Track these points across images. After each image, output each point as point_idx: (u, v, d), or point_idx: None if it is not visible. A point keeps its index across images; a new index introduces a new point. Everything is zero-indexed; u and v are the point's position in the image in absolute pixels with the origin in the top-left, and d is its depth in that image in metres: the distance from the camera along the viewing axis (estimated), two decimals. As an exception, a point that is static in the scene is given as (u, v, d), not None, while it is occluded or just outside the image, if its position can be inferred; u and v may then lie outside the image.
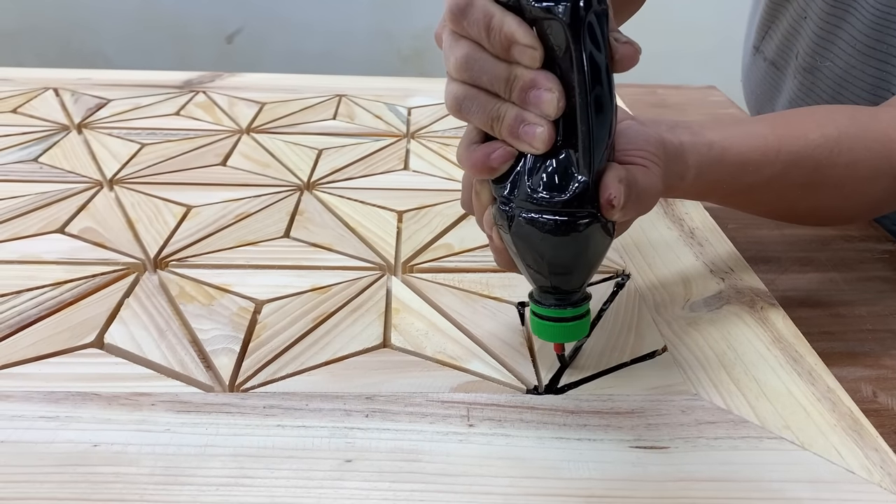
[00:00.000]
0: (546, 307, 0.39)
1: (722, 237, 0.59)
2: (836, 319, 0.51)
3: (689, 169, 0.43)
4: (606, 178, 0.36)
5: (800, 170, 0.47)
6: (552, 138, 0.35)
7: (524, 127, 0.35)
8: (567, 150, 0.35)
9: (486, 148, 0.36)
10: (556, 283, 0.38)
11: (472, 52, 0.35)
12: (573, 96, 0.34)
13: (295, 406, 0.39)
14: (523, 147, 0.35)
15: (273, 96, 0.89)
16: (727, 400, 0.41)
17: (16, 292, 0.48)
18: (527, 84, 0.34)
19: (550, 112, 0.34)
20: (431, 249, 0.56)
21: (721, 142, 0.45)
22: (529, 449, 0.37)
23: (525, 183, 0.36)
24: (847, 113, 0.51)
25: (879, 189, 0.50)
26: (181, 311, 0.47)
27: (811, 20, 0.69)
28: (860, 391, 0.44)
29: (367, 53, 2.16)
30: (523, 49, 0.34)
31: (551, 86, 0.34)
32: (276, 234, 0.57)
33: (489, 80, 0.35)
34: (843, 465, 0.37)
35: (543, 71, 0.34)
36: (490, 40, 0.34)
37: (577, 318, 0.39)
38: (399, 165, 0.71)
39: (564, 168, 0.35)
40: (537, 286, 0.39)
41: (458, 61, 0.35)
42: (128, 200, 0.61)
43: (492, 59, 0.35)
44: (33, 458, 0.35)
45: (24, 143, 0.73)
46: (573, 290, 0.39)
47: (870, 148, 0.48)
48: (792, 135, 0.47)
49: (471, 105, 0.36)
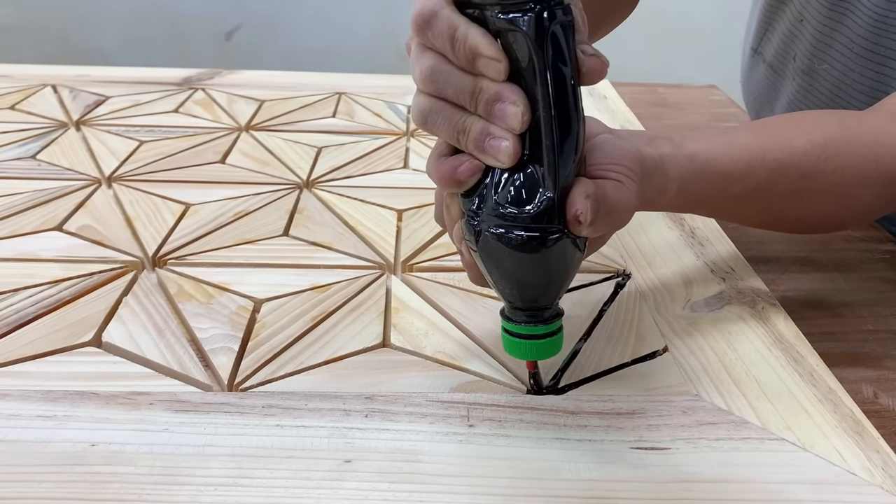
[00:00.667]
0: (517, 324, 0.38)
1: (723, 237, 0.59)
2: (838, 320, 0.51)
3: (671, 182, 0.43)
4: (573, 193, 0.34)
5: (785, 178, 0.46)
6: (518, 152, 0.34)
7: (490, 140, 0.34)
8: (533, 164, 0.34)
9: (453, 161, 0.35)
10: (525, 299, 0.37)
11: (438, 65, 0.34)
12: (538, 109, 0.33)
13: (294, 406, 0.39)
14: (489, 161, 0.34)
15: (272, 94, 0.89)
16: (728, 401, 0.41)
17: (13, 290, 0.48)
18: (492, 97, 0.33)
19: (515, 126, 0.33)
20: (431, 248, 0.56)
21: (703, 153, 0.44)
22: (530, 449, 0.37)
23: (492, 197, 0.35)
24: (834, 118, 0.51)
25: (869, 194, 0.49)
26: (180, 309, 0.47)
27: (809, 23, 0.69)
28: (861, 392, 0.44)
29: (367, 51, 2.16)
30: (488, 62, 0.33)
31: (516, 99, 0.33)
32: (275, 232, 0.57)
33: (454, 92, 0.34)
34: (844, 467, 0.37)
35: (509, 84, 0.33)
36: (455, 52, 0.33)
37: (549, 335, 0.38)
38: (399, 164, 0.71)
39: (531, 183, 0.34)
40: (508, 302, 0.38)
41: (423, 73, 0.35)
42: (126, 198, 0.61)
43: (457, 71, 0.34)
44: (31, 457, 0.35)
45: (22, 139, 0.72)
46: (544, 307, 0.37)
47: (858, 153, 0.47)
48: (777, 143, 0.46)
49: (436, 118, 0.35)
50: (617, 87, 0.98)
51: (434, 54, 0.35)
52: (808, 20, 0.69)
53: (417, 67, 0.35)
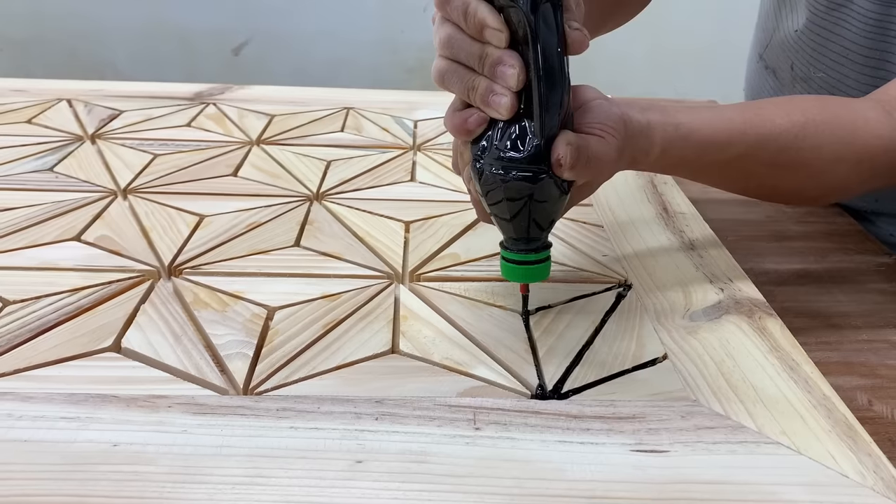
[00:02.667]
0: (513, 252, 0.45)
1: (721, 249, 0.61)
2: (833, 330, 0.53)
3: (655, 145, 0.48)
4: (557, 141, 0.42)
5: (765, 151, 0.51)
6: (514, 107, 0.41)
7: (492, 96, 0.41)
8: (527, 118, 0.42)
9: (464, 114, 0.43)
10: (518, 229, 0.44)
11: (454, 33, 0.42)
12: (531, 72, 0.41)
13: (307, 409, 0.41)
14: (492, 113, 0.42)
15: (282, 108, 0.91)
16: (725, 406, 0.42)
17: (35, 297, 0.50)
18: (495, 61, 0.41)
19: (512, 84, 0.41)
20: (438, 259, 0.57)
21: (689, 123, 0.49)
22: (534, 451, 0.38)
23: (494, 144, 0.43)
24: (818, 102, 0.55)
25: (842, 172, 0.54)
26: (195, 317, 0.48)
27: (803, 32, 0.71)
28: (856, 400, 0.45)
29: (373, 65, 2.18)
30: (492, 32, 0.41)
31: (514, 62, 0.41)
32: (286, 242, 0.59)
33: (466, 56, 0.42)
34: (837, 470, 0.38)
35: (509, 50, 0.41)
36: (467, 24, 0.41)
37: (539, 262, 0.45)
38: (406, 177, 0.72)
39: (524, 132, 0.42)
40: (505, 234, 0.45)
41: (441, 40, 0.43)
42: (142, 209, 0.63)
43: (468, 39, 0.42)
44: (56, 456, 0.37)
45: (39, 153, 0.74)
46: (534, 238, 0.45)
47: (835, 134, 0.52)
48: (759, 119, 0.51)
49: (451, 77, 0.43)
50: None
51: (451, 25, 0.43)
52: (802, 30, 0.71)
53: (438, 35, 0.43)
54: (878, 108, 0.54)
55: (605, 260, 0.58)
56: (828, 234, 0.66)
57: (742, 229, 0.65)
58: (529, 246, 0.45)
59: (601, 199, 0.69)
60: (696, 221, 0.65)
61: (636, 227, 0.64)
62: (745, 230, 0.65)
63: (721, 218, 0.65)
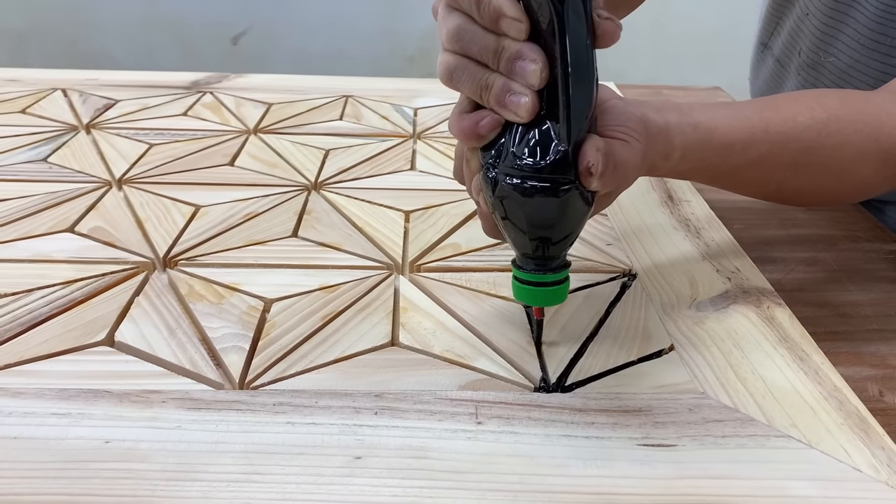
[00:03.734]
0: (527, 272, 0.40)
1: (728, 237, 0.59)
2: (843, 319, 0.52)
3: (675, 149, 0.44)
4: (585, 146, 0.37)
5: (787, 150, 0.47)
6: (536, 108, 0.36)
7: (510, 96, 0.36)
8: (550, 120, 0.37)
9: (475, 116, 0.38)
10: (535, 248, 0.39)
11: (464, 24, 0.37)
12: (556, 68, 0.35)
13: (305, 403, 0.40)
14: (509, 115, 0.37)
15: (280, 97, 0.90)
16: (734, 398, 0.41)
17: (27, 290, 0.48)
18: (513, 55, 0.36)
19: (534, 82, 0.36)
20: (438, 249, 0.56)
21: (707, 122, 0.45)
22: (537, 446, 0.38)
23: (510, 150, 0.37)
24: (838, 96, 0.52)
25: (867, 171, 0.50)
26: (191, 309, 0.47)
27: (814, 16, 0.69)
28: (866, 390, 0.44)
29: (373, 54, 2.17)
30: (510, 22, 0.35)
31: (536, 57, 0.35)
32: (284, 233, 0.57)
33: (479, 50, 0.37)
34: (849, 464, 0.37)
35: (529, 43, 0.36)
36: (480, 13, 0.36)
37: (557, 283, 0.40)
38: (406, 166, 0.71)
39: (546, 137, 0.37)
40: (519, 251, 0.41)
41: (450, 32, 0.37)
42: (137, 200, 0.62)
43: (481, 30, 0.36)
44: (46, 454, 0.36)
45: (33, 143, 0.73)
46: (553, 256, 0.40)
47: (859, 130, 0.49)
48: (780, 117, 0.48)
49: (461, 74, 0.38)
50: (622, 88, 0.98)
51: (460, 14, 0.37)
52: (814, 13, 0.70)
53: (444, 27, 0.38)
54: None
55: (609, 249, 0.57)
56: (836, 221, 0.65)
57: (749, 217, 0.64)
58: (547, 265, 0.40)
59: (605, 188, 0.68)
60: (702, 209, 0.64)
61: (641, 216, 0.63)
62: (752, 218, 0.64)
63: (727, 206, 0.64)
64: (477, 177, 0.40)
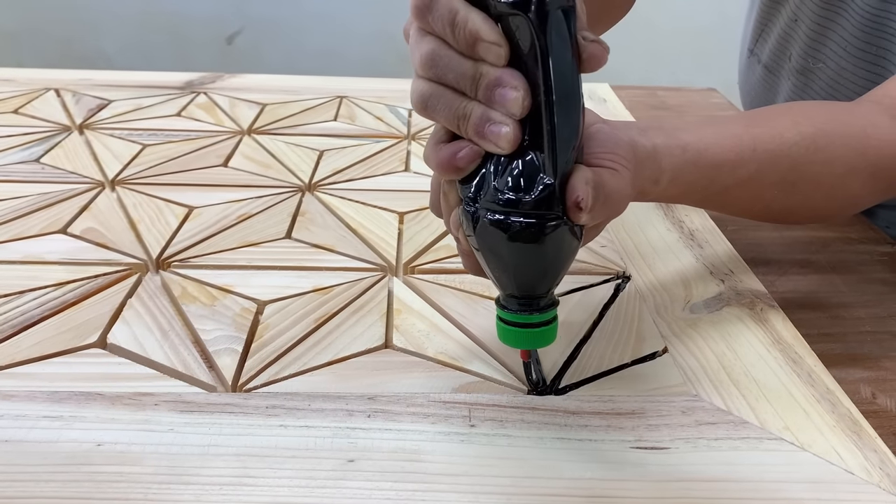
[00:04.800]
0: (512, 312, 0.37)
1: (722, 239, 0.60)
2: (836, 321, 0.52)
3: (664, 173, 0.43)
4: (573, 179, 0.34)
5: (775, 169, 0.46)
6: (518, 138, 0.34)
7: (490, 126, 0.34)
8: (534, 150, 0.34)
9: (452, 147, 0.35)
10: (521, 287, 0.37)
11: (438, 49, 0.34)
12: (539, 95, 0.33)
13: (297, 406, 0.40)
14: (489, 147, 0.34)
15: (274, 97, 0.90)
16: (727, 401, 0.41)
17: (19, 292, 0.48)
18: (492, 82, 0.33)
19: (515, 111, 0.33)
20: (433, 251, 0.56)
21: (695, 143, 0.44)
22: (531, 449, 0.37)
23: (491, 183, 0.35)
24: (824, 109, 0.51)
25: (856, 185, 0.49)
26: (184, 311, 0.47)
27: (803, 22, 0.69)
28: (859, 393, 0.44)
29: (367, 54, 2.17)
30: (488, 46, 0.33)
31: (517, 84, 0.33)
32: (277, 235, 0.57)
33: (455, 77, 0.34)
34: (842, 466, 0.37)
35: (509, 69, 0.33)
36: (455, 37, 0.33)
37: (544, 324, 0.38)
38: (400, 167, 0.71)
39: (531, 169, 0.34)
40: (503, 291, 0.38)
41: (423, 58, 0.34)
42: (130, 201, 0.62)
43: (457, 56, 0.34)
44: (37, 457, 0.35)
45: (25, 143, 0.73)
46: (539, 296, 0.37)
47: (846, 144, 0.48)
48: (767, 134, 0.47)
49: (436, 103, 0.35)
50: (617, 90, 0.98)
51: (434, 39, 0.34)
52: (803, 20, 0.70)
53: (417, 52, 0.35)
54: (883, 113, 0.50)
55: (602, 251, 0.57)
56: (829, 223, 0.65)
57: (742, 219, 0.64)
58: (533, 305, 0.37)
59: (599, 189, 0.67)
60: (695, 211, 0.64)
61: (635, 217, 0.63)
62: (745, 220, 0.64)
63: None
64: (456, 211, 0.37)
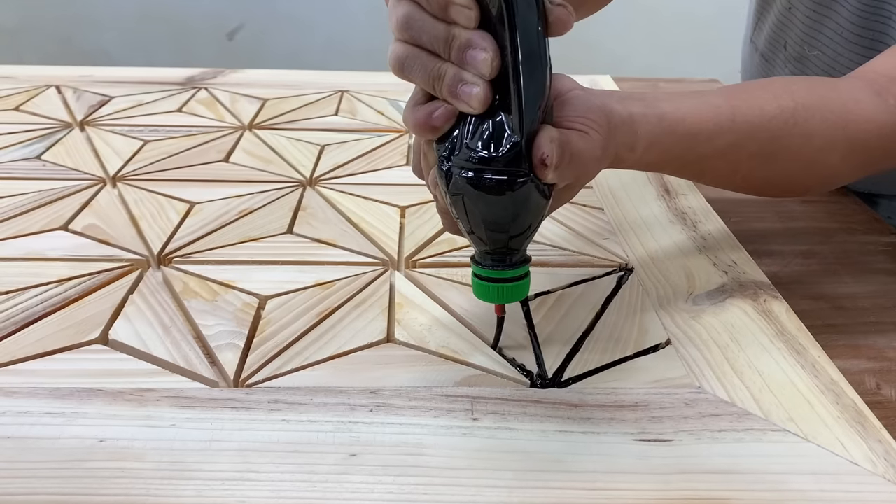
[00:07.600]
0: (485, 268, 0.39)
1: (725, 230, 0.59)
2: (840, 312, 0.51)
3: (640, 140, 0.43)
4: (539, 138, 0.36)
5: (754, 140, 0.47)
6: (488, 98, 0.35)
7: (462, 86, 0.35)
8: (503, 111, 0.36)
9: (428, 108, 0.37)
10: (493, 242, 0.38)
11: (413, 12, 0.36)
12: (507, 56, 0.34)
13: (299, 401, 0.40)
14: (462, 106, 0.36)
15: (275, 92, 0.89)
16: (731, 392, 0.41)
17: (20, 289, 0.48)
18: (463, 44, 0.35)
19: (485, 71, 0.35)
20: (434, 244, 0.56)
21: (673, 112, 0.45)
22: (533, 442, 0.37)
23: (464, 142, 0.36)
24: (805, 84, 0.52)
25: (835, 160, 0.50)
26: (185, 307, 0.47)
27: (798, 10, 0.69)
28: (864, 383, 0.44)
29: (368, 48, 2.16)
30: (459, 9, 0.34)
31: (486, 45, 0.34)
32: (279, 229, 0.57)
33: (429, 39, 0.36)
34: (846, 457, 0.37)
35: (480, 31, 0.35)
36: (428, 1, 0.35)
37: (516, 279, 0.39)
38: (401, 161, 0.71)
39: (499, 128, 0.36)
40: (477, 247, 0.40)
41: (399, 21, 0.36)
42: (131, 197, 0.62)
43: (431, 19, 0.35)
44: (40, 453, 0.35)
45: (26, 140, 0.73)
46: (512, 251, 0.39)
47: (826, 119, 0.48)
48: (747, 106, 0.47)
49: (412, 65, 0.36)
50: (618, 81, 0.98)
51: (409, 2, 0.36)
52: (798, 7, 0.69)
53: (394, 15, 0.36)
54: (867, 89, 0.50)
55: (605, 243, 0.57)
56: (833, 213, 0.65)
57: (745, 210, 0.64)
58: (506, 261, 0.39)
59: (601, 181, 0.67)
60: (698, 202, 0.64)
61: (637, 210, 0.62)
62: (748, 211, 0.64)
63: (723, 199, 0.64)
64: (433, 170, 0.39)
